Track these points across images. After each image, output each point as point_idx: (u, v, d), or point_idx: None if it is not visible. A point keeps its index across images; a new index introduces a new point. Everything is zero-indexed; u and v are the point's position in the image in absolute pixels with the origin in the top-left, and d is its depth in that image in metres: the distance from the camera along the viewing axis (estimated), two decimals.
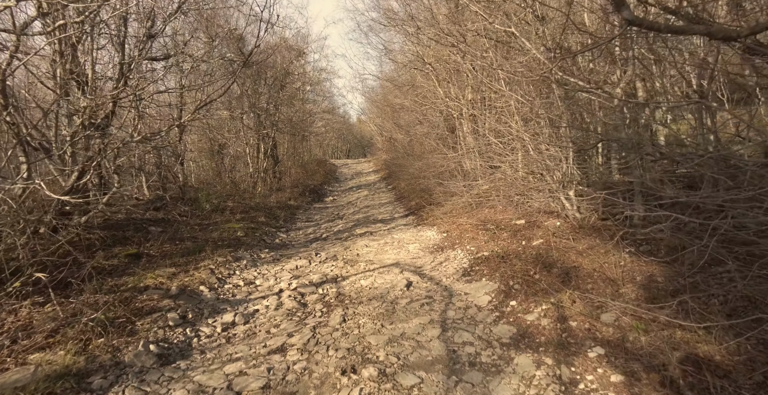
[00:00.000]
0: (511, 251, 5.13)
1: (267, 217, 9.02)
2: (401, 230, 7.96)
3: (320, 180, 18.20)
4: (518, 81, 6.05)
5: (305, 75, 16.33)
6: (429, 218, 8.50)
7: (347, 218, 9.89)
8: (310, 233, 8.25)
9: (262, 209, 9.53)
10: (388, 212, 10.42)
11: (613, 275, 3.72)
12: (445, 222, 7.70)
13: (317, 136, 23.15)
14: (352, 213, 10.72)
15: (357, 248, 6.54)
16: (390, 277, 4.93)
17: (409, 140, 15.81)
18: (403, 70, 13.96)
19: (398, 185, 15.21)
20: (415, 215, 9.41)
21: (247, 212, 8.97)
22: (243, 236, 6.96)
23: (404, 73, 14.10)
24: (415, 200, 11.16)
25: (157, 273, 4.53)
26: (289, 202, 11.74)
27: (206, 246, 5.84)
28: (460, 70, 10.63)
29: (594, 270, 3.97)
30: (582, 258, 4.31)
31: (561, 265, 4.28)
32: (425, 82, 11.91)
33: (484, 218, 7.20)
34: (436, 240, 6.69)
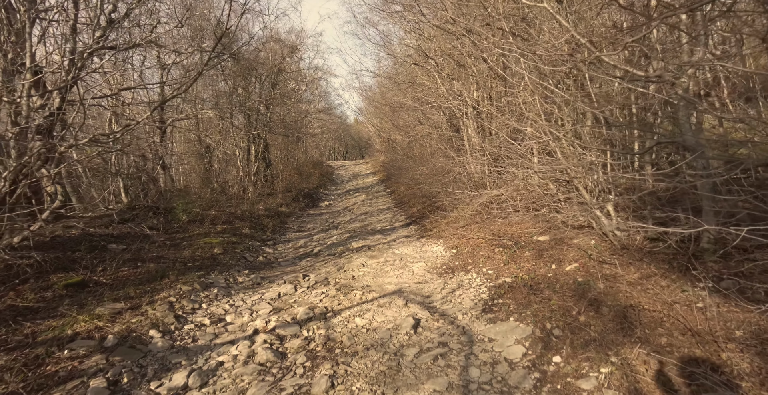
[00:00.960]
0: (541, 278, 4.13)
1: (253, 227, 8.00)
2: (403, 243, 6.96)
3: (316, 183, 17.19)
4: (542, 71, 5.07)
5: (299, 73, 15.31)
6: (434, 228, 7.50)
7: (343, 228, 8.88)
8: (300, 247, 7.24)
9: (249, 218, 8.51)
10: (388, 220, 9.42)
11: (694, 325, 2.73)
12: (452, 235, 6.70)
13: (313, 137, 22.12)
14: (348, 221, 9.71)
15: (352, 267, 5.53)
16: (392, 312, 3.93)
17: (408, 142, 14.82)
18: (403, 66, 12.96)
19: (397, 188, 14.22)
20: (418, 224, 8.41)
21: (231, 222, 7.95)
22: (220, 253, 5.94)
23: (404, 71, 13.10)
24: (416, 207, 10.17)
25: (97, 312, 3.51)
26: (280, 208, 10.72)
27: (172, 270, 4.82)
28: (465, 65, 9.63)
29: (663, 314, 2.97)
30: (638, 293, 3.32)
31: (612, 302, 3.29)
32: (426, 78, 10.91)
33: (498, 231, 6.21)
34: (444, 258, 5.69)
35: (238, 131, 12.90)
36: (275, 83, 13.64)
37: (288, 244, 7.54)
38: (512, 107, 7.12)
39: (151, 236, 6.18)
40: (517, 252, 5.04)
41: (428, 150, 12.92)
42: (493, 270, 4.73)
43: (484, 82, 9.37)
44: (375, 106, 18.30)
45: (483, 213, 7.21)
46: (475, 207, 7.64)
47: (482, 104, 9.60)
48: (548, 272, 4.24)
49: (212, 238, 6.54)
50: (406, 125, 14.26)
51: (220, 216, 8.02)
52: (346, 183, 19.50)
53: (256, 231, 7.82)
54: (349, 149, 39.87)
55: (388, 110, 15.02)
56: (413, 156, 13.89)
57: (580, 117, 4.95)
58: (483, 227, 6.59)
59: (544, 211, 5.73)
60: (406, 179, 13.77)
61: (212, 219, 7.69)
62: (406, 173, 13.99)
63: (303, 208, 12.12)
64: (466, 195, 8.19)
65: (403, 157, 14.82)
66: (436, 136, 11.53)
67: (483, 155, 8.93)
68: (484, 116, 9.72)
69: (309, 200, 13.66)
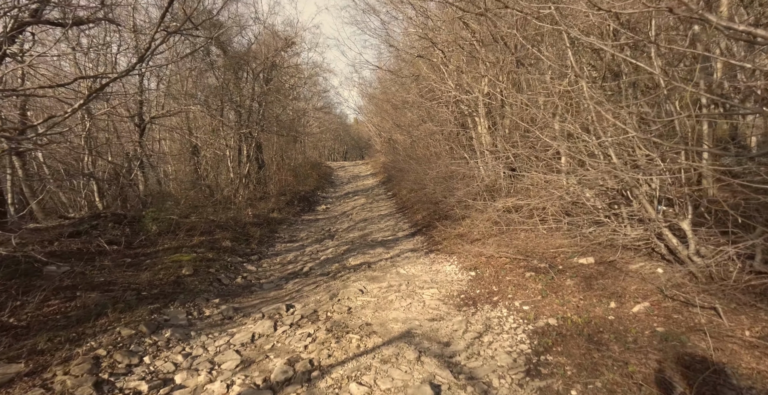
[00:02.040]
0: (599, 322, 3.02)
1: (236, 238, 6.88)
2: (408, 259, 5.84)
3: (313, 185, 16.07)
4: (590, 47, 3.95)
5: (295, 68, 14.17)
6: (443, 241, 6.39)
7: (340, 237, 7.76)
8: (289, 263, 6.12)
9: (232, 227, 7.39)
10: (390, 228, 8.30)
11: None
12: (467, 250, 5.59)
13: (311, 136, 20.99)
14: (346, 229, 8.59)
15: (349, 295, 4.42)
16: (401, 374, 2.81)
17: (411, 142, 13.71)
18: (405, 61, 11.84)
19: (399, 191, 13.11)
20: (424, 234, 7.29)
21: (211, 233, 6.83)
22: (189, 274, 4.81)
23: (406, 66, 11.98)
24: (421, 213, 9.06)
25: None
26: (271, 214, 9.60)
27: (118, 302, 3.70)
28: (476, 56, 8.53)
29: None
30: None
31: (731, 380, 2.18)
32: (432, 72, 9.80)
33: (524, 248, 5.09)
34: (461, 283, 4.57)
35: (228, 130, 11.77)
36: (269, 79, 12.51)
37: (275, 259, 6.42)
38: (538, 98, 6.00)
39: (108, 252, 5.06)
40: (555, 280, 3.93)
41: (433, 151, 11.83)
42: (529, 305, 3.62)
43: (497, 74, 8.25)
44: (375, 104, 17.19)
45: (501, 223, 6.11)
46: (490, 214, 6.54)
47: (496, 99, 8.50)
48: (607, 313, 3.12)
49: (183, 254, 5.42)
50: (409, 124, 13.16)
51: (200, 225, 6.90)
52: (345, 185, 18.39)
53: (239, 243, 6.69)
54: (348, 149, 38.75)
55: (389, 108, 13.91)
56: (416, 157, 12.78)
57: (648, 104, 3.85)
58: (503, 242, 5.48)
59: (583, 224, 4.62)
60: (408, 181, 12.66)
61: (189, 229, 6.56)
62: (409, 175, 12.90)
63: (297, 213, 10.99)
64: (480, 202, 7.10)
65: (405, 158, 13.71)
66: (443, 135, 10.43)
67: (497, 157, 7.82)
68: (498, 113, 8.64)
69: (305, 203, 12.53)
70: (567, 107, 4.88)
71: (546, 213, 5.43)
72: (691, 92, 3.33)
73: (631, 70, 3.52)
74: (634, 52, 3.85)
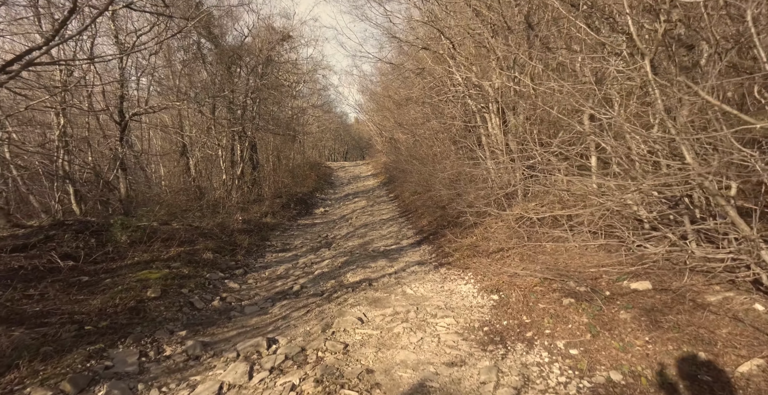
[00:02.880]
0: (689, 385, 2.17)
1: (220, 248, 6.02)
2: (416, 274, 4.98)
3: (311, 186, 15.21)
4: None
5: (293, 65, 13.29)
6: (455, 253, 5.53)
7: (338, 246, 6.90)
8: (278, 279, 5.25)
9: (217, 235, 6.53)
10: (393, 235, 7.44)
11: None
12: (485, 265, 4.73)
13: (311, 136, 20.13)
14: (345, 236, 7.73)
15: (345, 325, 3.56)
16: None
17: (414, 141, 12.86)
18: (408, 55, 10.98)
19: (402, 193, 12.26)
20: (432, 243, 6.43)
21: (192, 242, 5.97)
22: (154, 297, 3.96)
23: (408, 60, 11.11)
24: (426, 218, 8.20)
25: None
26: (263, 219, 8.74)
27: (42, 344, 2.84)
28: (488, 47, 7.67)
29: None
30: None
31: None
32: (438, 65, 8.94)
33: (554, 264, 4.23)
34: (482, 309, 3.70)
35: (221, 128, 10.91)
36: (264, 74, 11.65)
37: (264, 272, 5.56)
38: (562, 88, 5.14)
39: (61, 269, 4.20)
40: (604, 311, 3.07)
41: (437, 151, 10.97)
42: (577, 348, 2.75)
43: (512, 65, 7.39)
44: (377, 101, 16.32)
45: (522, 233, 5.25)
46: (510, 224, 5.69)
47: (509, 94, 7.66)
48: (697, 371, 2.26)
49: (153, 270, 4.56)
50: (412, 123, 12.29)
51: (180, 233, 6.04)
52: (345, 186, 17.53)
53: (222, 255, 5.83)
54: (349, 149, 37.89)
55: (391, 105, 13.05)
56: (419, 157, 11.93)
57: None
58: (527, 256, 4.62)
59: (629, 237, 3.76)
60: (411, 183, 11.81)
61: (167, 238, 5.70)
62: (411, 176, 12.05)
63: (293, 217, 10.13)
64: (494, 207, 6.25)
65: (408, 158, 12.86)
66: (449, 134, 9.58)
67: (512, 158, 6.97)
68: (511, 109, 7.79)
69: (302, 206, 11.67)
70: (609, 94, 4.02)
71: (578, 221, 4.56)
72: None
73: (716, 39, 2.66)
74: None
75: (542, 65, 5.96)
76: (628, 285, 3.30)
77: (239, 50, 11.04)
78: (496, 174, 8.47)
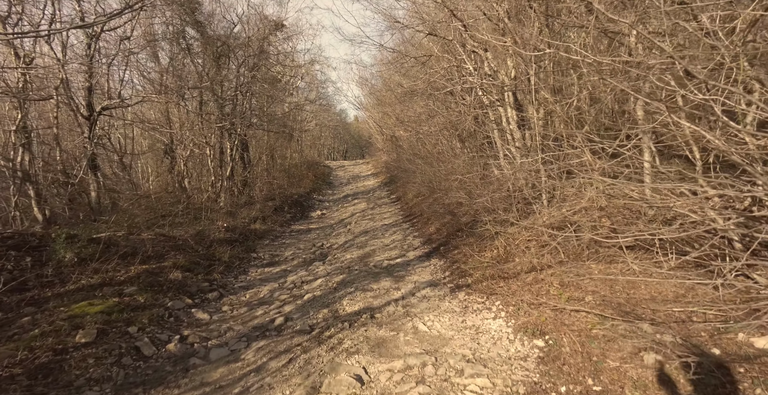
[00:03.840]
0: None
1: (193, 265, 4.99)
2: (429, 301, 3.95)
3: (308, 187, 14.18)
4: None
5: (286, 55, 12.21)
6: (474, 271, 4.49)
7: (334, 260, 5.87)
8: (259, 305, 4.22)
9: (192, 248, 5.50)
10: (397, 245, 6.41)
11: None
12: (516, 293, 3.70)
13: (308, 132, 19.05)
14: (342, 246, 6.70)
15: (338, 389, 2.53)
16: None
17: (417, 138, 11.81)
18: (412, 44, 9.91)
19: (404, 195, 11.24)
20: (444, 257, 5.40)
21: (160, 257, 4.95)
22: (85, 343, 2.93)
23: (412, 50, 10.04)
24: (434, 224, 7.17)
25: None
26: (251, 225, 7.70)
27: None
28: (506, 29, 6.65)
29: None
30: None
31: None
32: (448, 54, 7.88)
33: (610, 295, 3.20)
34: (524, 363, 2.67)
35: (209, 125, 9.86)
36: (256, 66, 10.58)
37: (243, 295, 4.52)
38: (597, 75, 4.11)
39: None
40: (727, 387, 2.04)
41: (443, 148, 9.93)
42: None
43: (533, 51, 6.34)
44: (377, 97, 15.26)
45: (557, 248, 4.23)
46: (540, 235, 4.67)
47: (528, 84, 6.62)
48: None
49: (96, 301, 3.53)
50: (415, 119, 11.24)
51: (147, 246, 5.01)
52: (344, 186, 16.50)
53: (195, 273, 4.79)
54: (348, 148, 36.81)
55: (393, 100, 11.98)
56: (424, 156, 10.88)
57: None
58: (569, 280, 3.59)
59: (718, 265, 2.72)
60: (414, 184, 10.78)
61: (129, 254, 4.67)
62: (414, 176, 11.02)
63: (286, 222, 9.10)
64: (518, 214, 5.24)
65: (411, 157, 11.82)
66: (459, 130, 8.55)
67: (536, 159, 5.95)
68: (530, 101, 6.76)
69: (297, 209, 10.64)
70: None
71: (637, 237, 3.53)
72: None
73: None
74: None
75: (580, 38, 4.93)
76: (746, 340, 2.28)
77: (228, 39, 9.97)
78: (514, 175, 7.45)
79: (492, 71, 7.22)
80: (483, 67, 7.29)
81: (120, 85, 7.27)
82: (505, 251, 4.90)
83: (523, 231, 5.18)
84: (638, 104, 4.03)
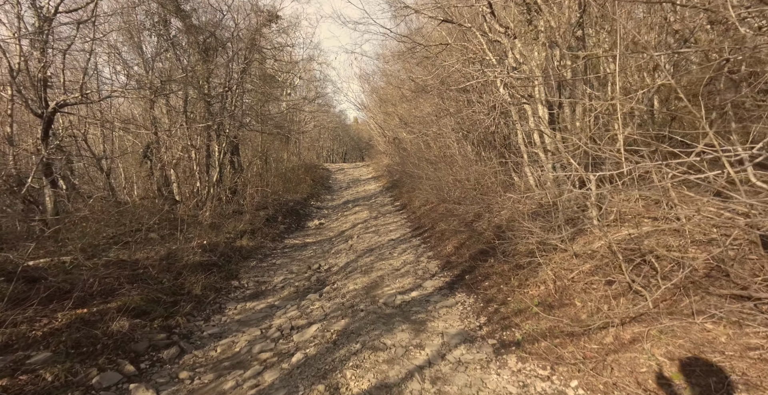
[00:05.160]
0: None
1: (150, 305, 3.74)
2: (468, 372, 2.72)
3: (306, 192, 12.95)
4: None
5: (279, 49, 10.97)
6: (523, 321, 3.27)
7: (333, 290, 4.65)
8: (230, 369, 2.99)
9: (154, 278, 4.25)
10: (410, 269, 5.19)
11: None
12: (596, 364, 2.49)
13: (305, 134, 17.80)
14: (344, 269, 5.48)
15: None
16: None
17: (424, 141, 10.60)
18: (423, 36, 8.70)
19: (410, 202, 10.03)
20: (473, 291, 4.18)
21: (107, 293, 3.71)
22: None
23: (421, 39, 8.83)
24: (451, 241, 5.96)
25: None
26: (237, 241, 6.46)
27: None
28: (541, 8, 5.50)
29: None
30: None
31: None
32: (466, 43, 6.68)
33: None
34: None
35: (196, 126, 8.63)
36: (247, 60, 9.36)
37: (211, 351, 3.29)
38: None
39: None
40: None
41: (454, 152, 8.73)
42: None
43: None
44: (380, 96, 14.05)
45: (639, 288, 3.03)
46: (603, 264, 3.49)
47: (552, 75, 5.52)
48: None
49: None
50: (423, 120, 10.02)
51: (90, 279, 3.77)
52: (344, 190, 15.28)
53: (151, 317, 3.54)
54: (348, 150, 35.57)
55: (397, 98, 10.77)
56: (433, 161, 9.68)
57: None
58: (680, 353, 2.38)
59: None
60: (422, 191, 9.58)
61: (61, 291, 3.43)
62: (421, 182, 9.81)
63: (279, 235, 7.86)
64: (565, 234, 4.08)
65: (417, 161, 10.61)
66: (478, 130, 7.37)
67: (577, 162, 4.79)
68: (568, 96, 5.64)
69: (292, 219, 9.41)
70: None
71: None
72: None
73: None
74: None
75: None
76: None
77: (216, 29, 8.75)
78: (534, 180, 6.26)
79: (518, 63, 6.03)
80: (507, 59, 6.10)
81: (83, 78, 6.01)
82: (555, 287, 3.70)
83: (573, 258, 3.99)
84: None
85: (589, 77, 5.17)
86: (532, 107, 5.91)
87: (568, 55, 5.44)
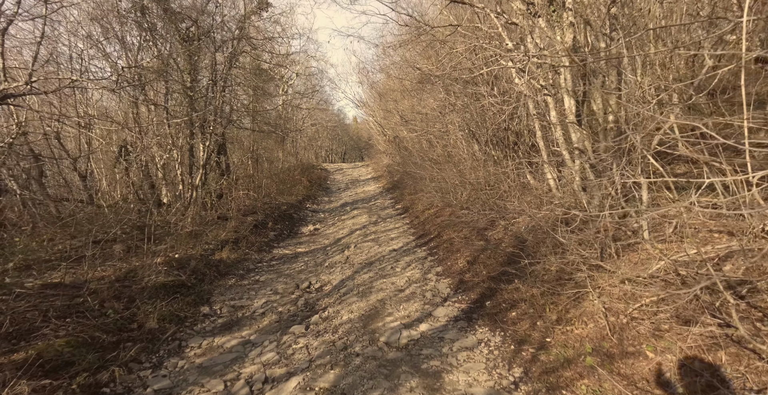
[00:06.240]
0: None
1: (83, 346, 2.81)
2: None
3: (302, 194, 12.02)
4: None
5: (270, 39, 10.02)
6: (574, 377, 2.35)
7: (323, 320, 3.72)
8: None
9: (95, 310, 3.32)
10: (417, 291, 4.26)
11: None
12: None
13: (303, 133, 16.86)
14: (337, 290, 4.56)
15: None
16: None
17: (428, 139, 9.68)
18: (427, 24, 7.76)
19: (412, 206, 9.11)
20: (499, 326, 3.25)
21: (26, 334, 2.78)
22: None
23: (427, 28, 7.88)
24: (462, 255, 5.03)
25: None
26: (217, 254, 5.54)
27: None
28: None
29: None
30: None
31: None
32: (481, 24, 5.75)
33: None
34: None
35: (179, 125, 7.70)
36: (235, 51, 8.43)
37: None
38: None
39: None
40: None
41: (461, 151, 7.83)
42: None
43: None
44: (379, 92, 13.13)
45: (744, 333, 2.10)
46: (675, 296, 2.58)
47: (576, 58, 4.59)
48: None
49: None
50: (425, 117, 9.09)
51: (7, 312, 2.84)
52: (343, 192, 14.36)
53: (73, 370, 2.61)
54: (347, 150, 34.63)
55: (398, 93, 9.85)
56: (438, 161, 8.76)
57: None
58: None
59: None
60: (425, 193, 8.67)
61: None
62: (424, 184, 8.91)
63: (268, 244, 6.94)
64: (607, 254, 3.18)
65: (421, 160, 9.68)
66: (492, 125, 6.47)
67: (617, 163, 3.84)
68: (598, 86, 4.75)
69: (284, 224, 8.49)
70: None
71: None
72: None
73: None
74: None
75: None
76: None
77: (200, 16, 7.81)
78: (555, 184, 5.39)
79: (538, 49, 5.12)
80: (526, 43, 5.19)
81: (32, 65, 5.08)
82: (609, 324, 2.78)
83: (623, 284, 3.08)
84: None
85: (629, 61, 4.27)
86: (556, 98, 5.01)
87: (601, 37, 4.53)
